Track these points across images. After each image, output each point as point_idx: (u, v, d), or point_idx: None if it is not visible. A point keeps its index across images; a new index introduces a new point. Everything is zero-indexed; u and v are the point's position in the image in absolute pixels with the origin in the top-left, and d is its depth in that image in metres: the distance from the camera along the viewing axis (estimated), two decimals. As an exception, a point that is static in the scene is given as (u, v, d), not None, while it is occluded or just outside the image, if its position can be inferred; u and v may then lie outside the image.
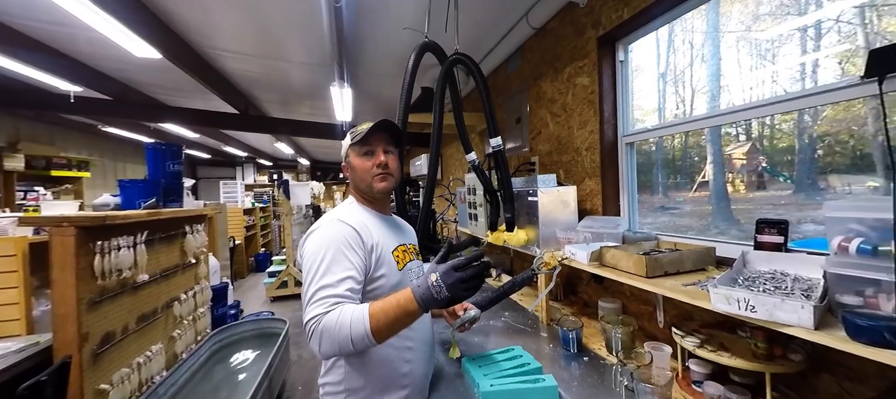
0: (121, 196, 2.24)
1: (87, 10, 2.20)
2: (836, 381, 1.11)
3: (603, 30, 1.95)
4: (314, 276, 1.01)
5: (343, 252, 1.05)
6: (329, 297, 0.98)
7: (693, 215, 3.03)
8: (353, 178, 1.26)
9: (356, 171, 1.23)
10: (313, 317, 0.95)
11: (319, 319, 0.94)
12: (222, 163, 12.09)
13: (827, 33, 1.92)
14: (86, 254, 1.66)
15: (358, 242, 1.09)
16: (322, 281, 1.00)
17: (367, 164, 1.21)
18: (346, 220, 1.11)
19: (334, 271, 1.02)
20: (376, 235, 1.15)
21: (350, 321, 0.93)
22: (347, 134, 1.26)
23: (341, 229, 1.08)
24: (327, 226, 1.10)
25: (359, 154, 1.22)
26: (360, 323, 0.93)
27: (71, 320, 1.57)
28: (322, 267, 1.02)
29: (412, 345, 1.19)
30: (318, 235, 1.09)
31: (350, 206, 1.23)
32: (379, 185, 1.21)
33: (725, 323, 1.33)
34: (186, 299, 2.51)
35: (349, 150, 1.25)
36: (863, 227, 0.86)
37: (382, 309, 0.95)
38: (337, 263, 1.03)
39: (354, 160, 1.23)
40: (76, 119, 6.22)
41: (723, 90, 2.60)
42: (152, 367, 2.10)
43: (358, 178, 1.23)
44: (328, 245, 1.05)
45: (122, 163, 8.36)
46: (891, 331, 0.72)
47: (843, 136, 2.32)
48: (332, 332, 0.93)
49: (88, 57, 3.77)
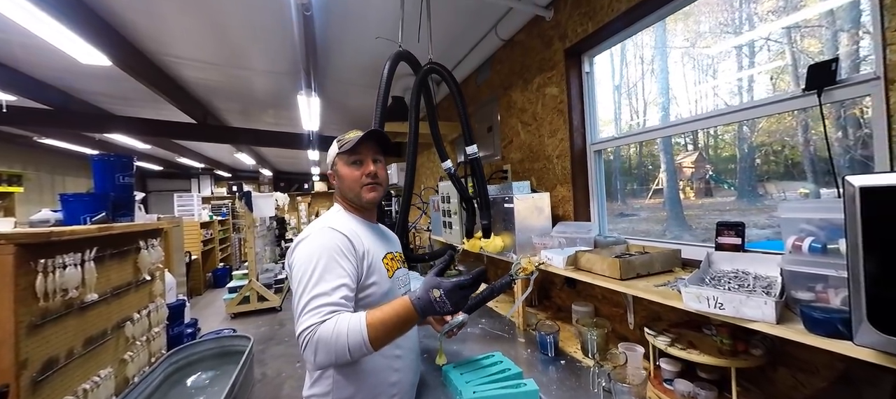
0: (63, 211, 2.06)
1: (25, 12, 2.02)
2: (791, 373, 1.20)
3: (569, 42, 2.04)
4: (307, 285, 0.99)
5: (336, 259, 1.03)
6: (324, 306, 0.96)
7: (650, 221, 3.20)
8: (340, 187, 1.25)
9: (344, 180, 1.22)
10: (308, 326, 0.93)
11: (315, 329, 0.92)
12: (176, 175, 11.39)
13: (759, 51, 2.11)
14: (26, 273, 1.50)
15: (350, 250, 1.08)
16: (316, 290, 0.98)
17: (356, 174, 1.20)
18: (338, 228, 1.10)
19: (328, 279, 1.00)
20: (367, 243, 1.15)
21: (347, 330, 0.92)
22: (335, 142, 1.24)
23: (333, 237, 1.07)
24: (318, 233, 1.08)
25: (347, 163, 1.21)
26: (358, 332, 0.92)
27: (7, 346, 1.40)
28: (315, 275, 1.00)
29: (401, 353, 1.18)
30: (310, 243, 1.06)
31: (338, 215, 1.21)
32: (368, 195, 1.21)
33: (691, 322, 1.40)
34: (140, 319, 2.33)
35: (336, 159, 1.24)
36: (813, 227, 0.94)
37: (381, 319, 0.95)
38: (330, 271, 1.01)
39: (342, 169, 1.22)
40: (7, 130, 5.67)
41: (672, 102, 2.79)
42: (100, 393, 1.91)
43: (346, 187, 1.22)
44: (320, 253, 1.03)
45: (62, 176, 7.70)
46: (843, 322, 0.79)
47: (776, 146, 2.55)
48: (329, 342, 0.91)
49: (24, 64, 3.46)
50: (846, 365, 1.02)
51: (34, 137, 6.06)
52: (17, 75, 3.59)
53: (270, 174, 12.51)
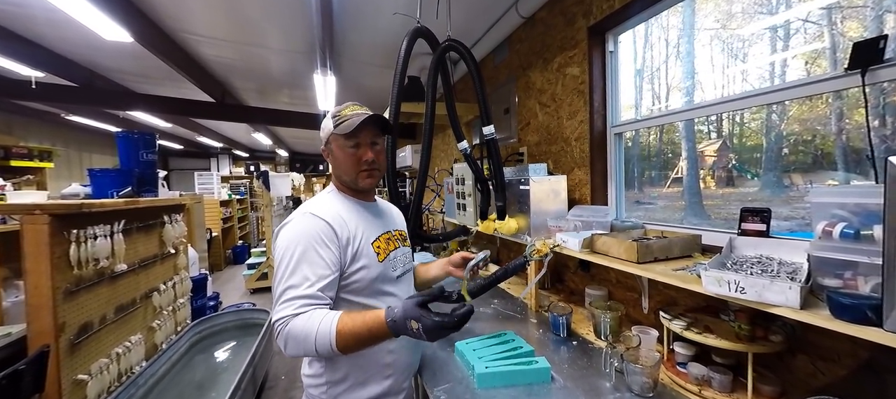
0: (91, 185, 2.15)
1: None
2: (810, 360, 1.18)
3: (594, 19, 1.97)
4: (284, 275, 0.98)
5: (315, 248, 1.00)
6: (297, 298, 0.95)
7: (667, 210, 3.13)
8: (334, 167, 1.19)
9: (339, 162, 1.16)
10: (281, 318, 0.94)
11: (286, 322, 0.93)
12: (196, 154, 11.65)
13: (795, 34, 2.00)
14: (60, 243, 1.58)
15: (331, 237, 1.04)
16: (291, 280, 0.97)
17: (353, 158, 1.13)
18: (319, 214, 1.05)
19: (303, 271, 0.98)
20: (353, 227, 1.10)
21: (317, 331, 0.91)
22: (329, 116, 1.15)
23: (313, 224, 1.03)
24: (298, 220, 1.05)
25: (343, 145, 1.13)
26: (326, 336, 0.91)
27: (46, 310, 1.50)
28: (291, 265, 0.98)
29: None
30: (290, 231, 1.04)
31: (327, 197, 1.17)
32: (365, 181, 1.17)
33: (708, 307, 1.39)
34: (166, 290, 2.43)
35: (331, 137, 1.15)
36: (845, 213, 0.91)
37: (351, 329, 0.92)
38: (308, 261, 0.99)
39: (338, 150, 1.15)
40: (37, 107, 5.86)
41: (697, 87, 2.68)
42: (132, 357, 2.03)
43: (341, 169, 1.17)
44: (298, 241, 1.00)
45: (89, 153, 7.97)
46: (872, 309, 0.77)
47: (806, 136, 2.44)
48: (299, 338, 0.92)
49: (50, 41, 3.55)
50: (870, 353, 1.00)
51: (62, 114, 6.27)
52: (45, 52, 3.69)
53: (287, 154, 12.68)
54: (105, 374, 1.82)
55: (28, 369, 1.30)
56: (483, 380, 1.29)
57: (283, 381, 3.30)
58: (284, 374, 3.40)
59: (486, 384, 1.28)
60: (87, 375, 1.71)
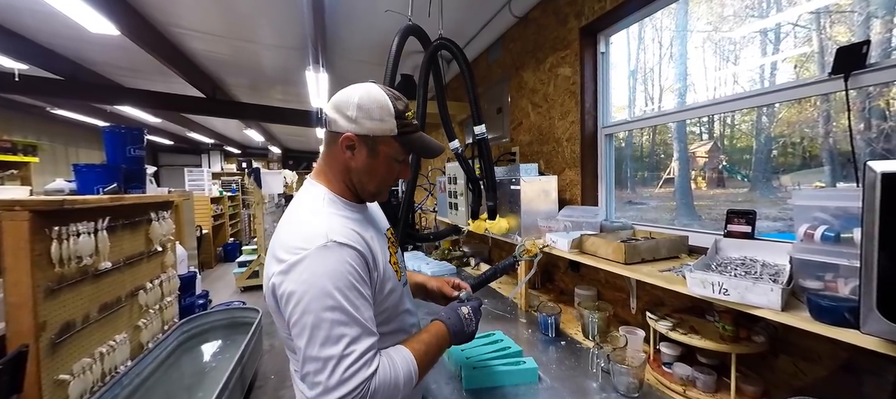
0: (76, 181, 2.11)
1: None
2: (792, 361, 1.20)
3: (585, 20, 1.98)
4: (333, 331, 0.75)
5: (357, 287, 0.80)
6: (369, 351, 0.78)
7: (658, 210, 3.16)
8: (360, 171, 0.93)
9: (376, 173, 0.94)
10: (363, 382, 0.74)
11: (368, 384, 0.75)
12: (186, 150, 11.50)
13: (785, 38, 2.03)
14: (41, 240, 1.55)
15: (364, 267, 0.84)
16: (351, 332, 0.76)
17: (394, 173, 0.96)
18: (342, 240, 0.81)
19: (363, 314, 0.79)
20: (372, 245, 0.89)
21: (402, 374, 0.81)
22: (395, 114, 0.90)
23: (346, 257, 0.80)
24: (323, 256, 0.78)
25: (393, 155, 0.93)
26: (411, 376, 0.83)
27: (26, 309, 1.47)
28: (343, 315, 0.76)
29: None
30: (316, 272, 0.77)
31: (328, 208, 0.90)
32: (383, 198, 1.02)
33: (694, 308, 1.40)
34: (152, 288, 2.40)
35: (385, 139, 0.91)
36: (827, 216, 0.92)
37: (425, 352, 0.88)
38: (362, 303, 0.80)
39: (383, 158, 0.93)
40: (21, 100, 5.74)
41: (689, 89, 2.70)
42: (116, 357, 2.00)
43: (369, 179, 0.94)
44: (337, 282, 0.78)
45: (75, 148, 7.82)
46: (850, 311, 0.78)
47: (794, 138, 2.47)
48: (388, 391, 0.79)
49: (34, 32, 3.47)
50: (849, 354, 1.02)
51: (47, 108, 6.14)
52: (28, 43, 3.61)
53: (279, 152, 12.57)
54: (88, 374, 1.78)
55: (5, 369, 1.27)
56: (470, 379, 1.29)
57: (273, 380, 3.28)
58: (274, 374, 3.38)
59: (473, 384, 1.29)
60: (69, 375, 1.67)
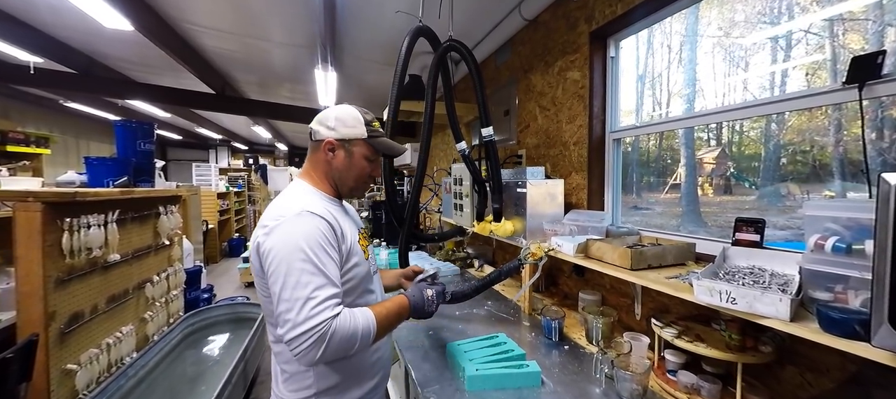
0: (87, 174, 2.14)
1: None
2: (799, 372, 1.18)
3: (596, 24, 1.97)
4: (301, 277, 0.90)
5: (324, 248, 0.96)
6: (333, 298, 0.91)
7: (664, 216, 3.13)
8: (338, 168, 1.14)
9: (349, 168, 1.14)
10: (324, 320, 0.87)
11: (329, 323, 0.88)
12: (195, 145, 11.61)
13: (797, 45, 2.01)
14: (53, 231, 1.57)
15: (332, 235, 1.00)
16: (317, 280, 0.91)
17: (367, 171, 1.16)
18: (318, 212, 1.00)
19: (326, 269, 0.93)
20: (343, 225, 1.07)
21: (361, 325, 0.93)
22: (360, 115, 1.14)
23: (317, 223, 0.98)
24: (298, 220, 0.96)
25: (364, 156, 1.14)
26: (368, 328, 0.95)
27: (36, 299, 1.49)
28: (309, 265, 0.91)
29: None
30: (292, 231, 0.94)
31: (311, 195, 1.09)
32: (360, 193, 1.21)
33: (700, 316, 1.39)
34: (159, 281, 2.42)
35: (358, 142, 1.13)
36: (838, 227, 0.91)
37: (386, 315, 1.02)
38: (324, 260, 0.94)
39: (357, 158, 1.14)
40: (35, 93, 5.83)
41: (698, 94, 2.68)
42: (122, 348, 2.03)
43: (347, 175, 1.15)
44: (309, 240, 0.94)
45: (86, 141, 7.93)
46: (861, 324, 0.77)
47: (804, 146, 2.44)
48: (345, 336, 0.90)
49: (50, 26, 3.53)
50: (858, 367, 1.00)
51: (60, 101, 6.23)
52: (44, 37, 3.67)
53: (286, 149, 12.65)
54: (95, 364, 1.81)
55: (15, 357, 1.29)
56: (473, 382, 1.29)
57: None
58: (276, 369, 3.39)
59: (475, 387, 1.29)
60: (77, 365, 1.70)
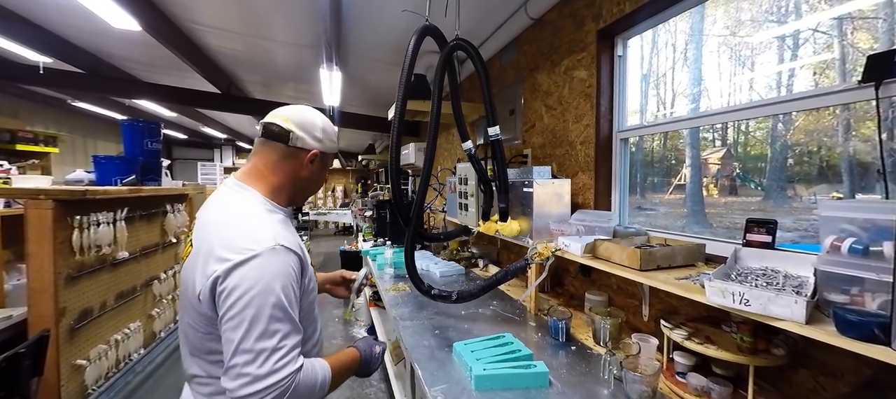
0: (96, 172, 2.15)
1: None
2: (812, 375, 1.16)
3: (603, 23, 1.96)
4: (271, 326, 0.83)
5: (292, 287, 0.90)
6: (296, 347, 0.88)
7: (669, 216, 3.10)
8: (310, 180, 1.09)
9: (319, 181, 1.12)
10: (289, 374, 0.83)
11: (294, 378, 0.84)
12: (200, 144, 11.68)
13: (804, 44, 1.98)
14: (63, 228, 1.58)
15: (301, 270, 0.96)
16: (283, 327, 0.85)
17: (321, 180, 1.14)
18: (290, 246, 0.92)
19: (295, 311, 0.90)
20: (304, 251, 1.00)
21: (319, 382, 0.92)
22: (325, 134, 1.08)
23: (290, 261, 0.91)
24: (273, 258, 0.88)
25: (324, 167, 1.12)
26: (324, 386, 0.93)
27: (48, 295, 1.50)
28: (281, 311, 0.85)
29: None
30: (263, 273, 0.85)
31: (268, 216, 0.97)
32: (307, 201, 1.19)
33: (709, 317, 1.37)
34: (166, 278, 2.44)
35: (322, 154, 1.08)
36: (855, 228, 0.90)
37: (339, 370, 1.01)
38: (292, 304, 0.89)
39: (320, 169, 1.10)
40: (43, 92, 5.90)
41: (703, 94, 2.65)
42: (130, 344, 2.04)
43: (314, 187, 1.12)
44: (283, 283, 0.87)
45: (94, 140, 8.00)
46: (880, 327, 0.75)
47: (811, 147, 2.41)
48: (306, 391, 0.87)
49: (58, 26, 3.56)
50: (874, 371, 0.99)
51: (68, 100, 6.29)
52: (53, 38, 3.71)
53: (290, 147, 12.68)
54: (103, 360, 1.82)
55: (28, 352, 1.30)
56: (480, 382, 1.28)
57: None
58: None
59: (483, 386, 1.28)
60: (86, 361, 1.71)
